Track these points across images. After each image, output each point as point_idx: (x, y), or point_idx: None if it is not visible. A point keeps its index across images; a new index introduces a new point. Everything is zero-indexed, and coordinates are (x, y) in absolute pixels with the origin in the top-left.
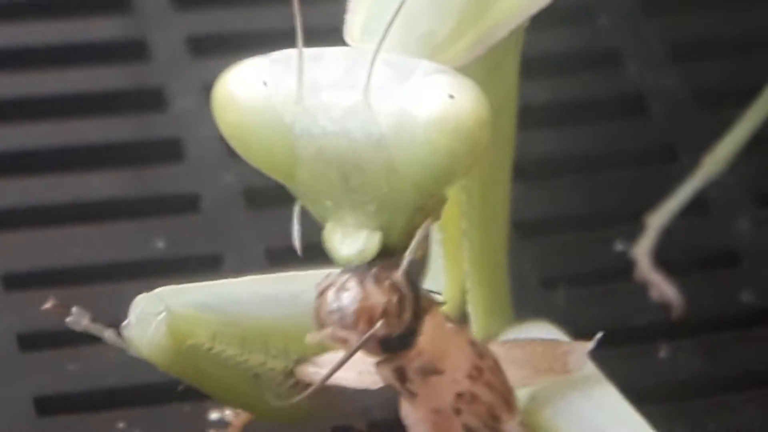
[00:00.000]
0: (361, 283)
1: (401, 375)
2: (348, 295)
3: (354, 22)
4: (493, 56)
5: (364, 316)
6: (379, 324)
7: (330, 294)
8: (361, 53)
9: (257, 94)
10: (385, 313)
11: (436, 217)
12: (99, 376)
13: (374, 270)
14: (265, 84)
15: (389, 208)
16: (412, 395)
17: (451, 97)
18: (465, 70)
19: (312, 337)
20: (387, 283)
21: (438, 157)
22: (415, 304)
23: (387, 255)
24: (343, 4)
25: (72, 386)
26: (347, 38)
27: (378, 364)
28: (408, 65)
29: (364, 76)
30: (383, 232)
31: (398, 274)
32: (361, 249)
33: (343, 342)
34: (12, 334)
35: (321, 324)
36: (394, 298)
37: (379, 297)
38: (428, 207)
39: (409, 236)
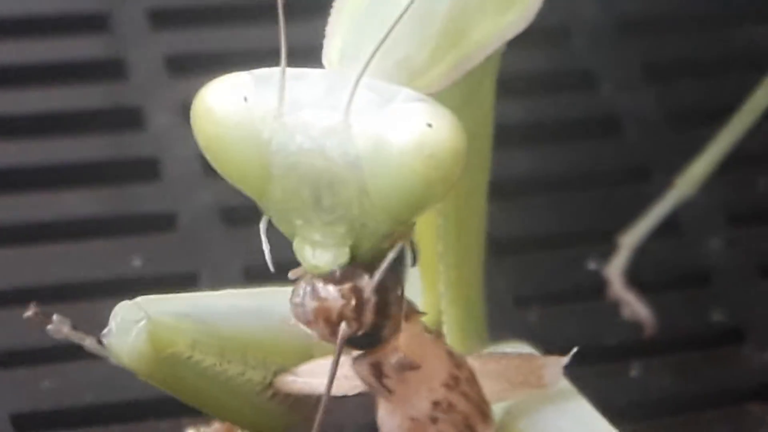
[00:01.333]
0: (323, 284)
1: (377, 371)
2: (309, 294)
3: (332, 47)
4: (470, 81)
5: (321, 315)
6: (342, 324)
7: (297, 290)
8: (343, 76)
9: (237, 107)
10: (341, 315)
11: (405, 239)
12: (75, 393)
13: (337, 274)
14: (245, 99)
15: (358, 231)
16: (389, 393)
17: (429, 125)
18: (442, 94)
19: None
20: (347, 286)
21: (411, 182)
22: (381, 307)
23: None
24: (322, 23)
25: (48, 403)
26: (325, 62)
27: (354, 360)
28: (389, 91)
29: (345, 98)
30: (351, 250)
31: (362, 280)
32: (330, 260)
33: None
34: None
35: (293, 313)
36: (352, 301)
37: (335, 300)
38: (396, 233)
39: (378, 256)
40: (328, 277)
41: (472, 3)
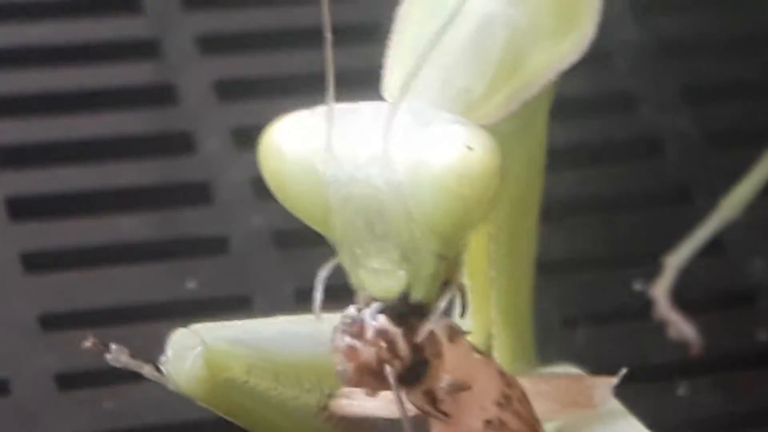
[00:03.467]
0: (348, 340)
1: (431, 398)
2: (345, 357)
3: (391, 79)
4: (525, 111)
5: (364, 370)
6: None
7: (336, 357)
8: (391, 106)
9: (296, 144)
10: (380, 362)
11: (458, 275)
12: (135, 414)
13: (352, 323)
14: (304, 135)
15: (412, 256)
16: (445, 417)
17: (468, 147)
18: (499, 124)
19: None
20: (371, 333)
21: (448, 203)
22: (411, 338)
23: (415, 305)
24: (371, 48)
25: (109, 424)
26: (385, 94)
27: (407, 392)
28: (427, 115)
29: (386, 126)
30: (408, 278)
31: (380, 320)
32: (388, 286)
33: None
34: (51, 373)
35: (342, 381)
36: (383, 345)
37: (367, 351)
38: (450, 255)
39: (435, 284)
40: (352, 331)
41: (529, 35)
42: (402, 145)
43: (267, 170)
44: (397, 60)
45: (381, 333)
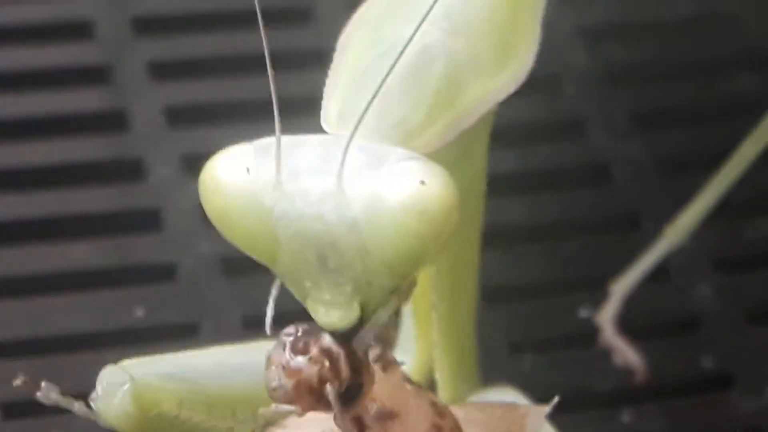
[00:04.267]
0: (291, 359)
1: (360, 424)
2: (282, 375)
3: (330, 108)
4: (463, 140)
5: (304, 387)
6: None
7: (270, 376)
8: (338, 140)
9: (240, 179)
10: (321, 379)
11: (405, 298)
12: None
13: (296, 340)
14: (247, 170)
15: (365, 289)
16: None
17: (422, 183)
18: (436, 154)
19: (265, 412)
20: (315, 350)
21: (408, 239)
22: (352, 359)
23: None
24: (321, 75)
25: None
26: (324, 124)
27: (335, 415)
28: (381, 152)
29: (338, 162)
30: (360, 306)
31: (325, 339)
32: (341, 317)
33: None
34: None
35: (274, 398)
36: (326, 363)
37: (309, 367)
38: (403, 286)
39: (387, 312)
40: (296, 348)
41: (466, 66)
42: (356, 182)
43: (209, 204)
44: (335, 90)
45: (326, 352)
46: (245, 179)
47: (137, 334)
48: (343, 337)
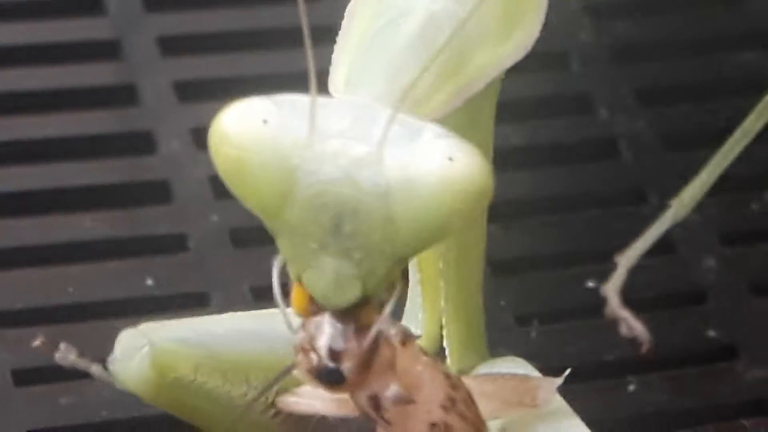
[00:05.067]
0: (334, 329)
1: (376, 404)
2: (324, 342)
3: (338, 73)
4: (470, 107)
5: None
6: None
7: (304, 340)
8: (366, 106)
9: (259, 132)
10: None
11: (403, 288)
12: (91, 410)
13: (349, 324)
14: (265, 122)
15: (374, 257)
16: (387, 424)
17: (459, 160)
18: (443, 121)
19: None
20: (351, 329)
21: (441, 214)
22: (363, 340)
23: (365, 301)
24: (328, 50)
25: (65, 420)
26: (331, 88)
27: (352, 393)
28: (416, 125)
29: (376, 130)
30: (362, 280)
31: (373, 328)
32: (343, 295)
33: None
34: (6, 369)
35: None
36: (367, 347)
37: (356, 349)
38: (411, 258)
39: (384, 284)
40: (339, 319)
41: (473, 34)
42: (393, 153)
43: (221, 155)
44: (344, 56)
45: (335, 343)
46: (265, 133)
47: (147, 304)
48: (345, 317)
